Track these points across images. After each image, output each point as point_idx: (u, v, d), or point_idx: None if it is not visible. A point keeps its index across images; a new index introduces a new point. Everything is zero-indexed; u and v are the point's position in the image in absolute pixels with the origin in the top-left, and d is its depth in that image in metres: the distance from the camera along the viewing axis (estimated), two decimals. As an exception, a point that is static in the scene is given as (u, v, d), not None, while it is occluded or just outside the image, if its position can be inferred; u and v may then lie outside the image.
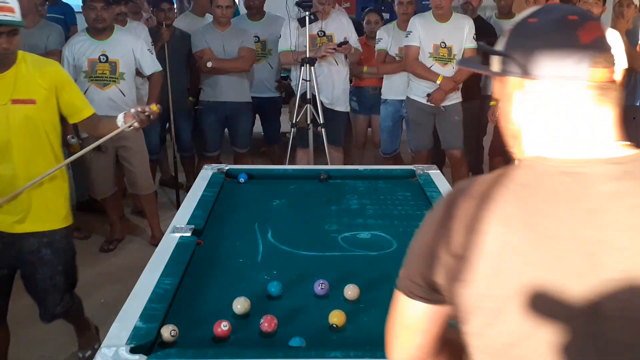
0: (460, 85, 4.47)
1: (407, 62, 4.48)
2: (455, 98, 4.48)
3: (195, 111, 4.91)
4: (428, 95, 4.39)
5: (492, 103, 4.55)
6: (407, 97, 4.57)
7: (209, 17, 5.39)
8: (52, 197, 2.47)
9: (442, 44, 4.34)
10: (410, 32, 4.38)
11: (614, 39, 0.93)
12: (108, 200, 4.13)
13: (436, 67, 4.37)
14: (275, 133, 5.22)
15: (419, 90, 4.45)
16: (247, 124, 4.89)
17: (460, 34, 4.34)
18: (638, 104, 4.40)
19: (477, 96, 4.75)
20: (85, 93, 3.85)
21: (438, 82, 4.33)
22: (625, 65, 0.93)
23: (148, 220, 4.26)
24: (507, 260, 0.88)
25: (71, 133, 3.94)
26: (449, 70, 4.37)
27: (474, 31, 4.37)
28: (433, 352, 1.05)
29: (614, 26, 4.37)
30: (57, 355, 2.94)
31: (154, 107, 2.39)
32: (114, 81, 3.88)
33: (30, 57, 2.41)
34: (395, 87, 4.78)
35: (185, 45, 4.67)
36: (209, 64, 4.48)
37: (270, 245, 2.23)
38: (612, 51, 0.92)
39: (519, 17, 1.00)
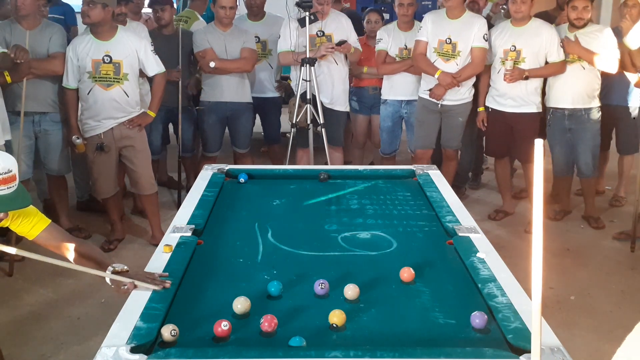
0: (471, 83, 4.45)
1: (413, 55, 4.53)
2: (463, 98, 4.47)
3: (196, 111, 4.91)
4: (430, 90, 4.41)
5: (479, 109, 4.54)
6: (419, 96, 4.59)
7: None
8: None
9: (447, 39, 4.33)
10: (421, 27, 4.44)
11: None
12: (109, 200, 4.13)
13: (438, 63, 4.37)
14: (275, 133, 5.21)
15: (426, 87, 4.47)
16: (247, 124, 4.88)
17: (469, 32, 4.30)
18: (628, 105, 4.41)
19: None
20: (89, 94, 3.88)
21: (436, 76, 4.33)
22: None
23: (149, 220, 4.26)
24: None
25: (76, 133, 3.95)
26: (451, 66, 4.34)
27: (484, 30, 4.31)
28: None
29: (615, 27, 4.32)
30: (57, 355, 2.94)
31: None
32: (118, 82, 3.88)
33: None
34: (395, 88, 4.78)
35: (187, 45, 4.67)
36: (212, 64, 4.47)
37: (270, 245, 2.23)
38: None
39: None
